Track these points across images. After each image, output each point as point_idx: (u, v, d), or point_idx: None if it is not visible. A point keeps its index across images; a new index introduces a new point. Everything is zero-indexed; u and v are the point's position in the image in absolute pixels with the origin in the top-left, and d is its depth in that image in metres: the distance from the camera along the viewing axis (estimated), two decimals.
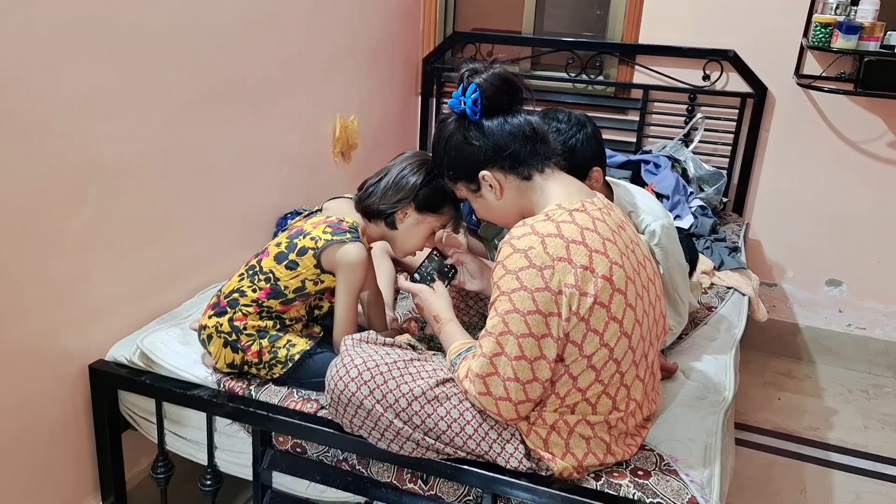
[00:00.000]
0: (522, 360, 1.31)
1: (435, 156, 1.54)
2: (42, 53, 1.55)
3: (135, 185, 1.85)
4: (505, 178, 1.43)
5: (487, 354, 1.33)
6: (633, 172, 2.87)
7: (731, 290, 2.49)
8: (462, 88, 1.41)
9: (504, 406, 1.34)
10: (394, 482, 1.56)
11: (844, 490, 2.38)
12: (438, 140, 1.50)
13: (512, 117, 1.42)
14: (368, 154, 3.07)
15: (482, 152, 1.41)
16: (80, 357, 1.78)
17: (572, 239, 1.31)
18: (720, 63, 3.05)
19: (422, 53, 3.51)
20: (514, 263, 1.30)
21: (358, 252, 1.63)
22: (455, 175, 1.48)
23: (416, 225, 1.69)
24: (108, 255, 1.81)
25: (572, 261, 1.30)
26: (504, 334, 1.31)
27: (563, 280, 1.29)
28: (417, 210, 1.67)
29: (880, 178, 2.97)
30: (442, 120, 1.50)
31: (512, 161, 1.41)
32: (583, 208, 1.37)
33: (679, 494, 1.40)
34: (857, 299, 3.17)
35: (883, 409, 2.91)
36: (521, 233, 1.34)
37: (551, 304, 1.29)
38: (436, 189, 1.65)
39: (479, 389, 1.34)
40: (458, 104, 1.42)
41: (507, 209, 1.46)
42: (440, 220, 1.70)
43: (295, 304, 1.70)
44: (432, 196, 1.66)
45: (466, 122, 1.43)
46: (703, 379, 1.84)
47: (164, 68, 1.89)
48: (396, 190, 1.66)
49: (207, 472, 1.75)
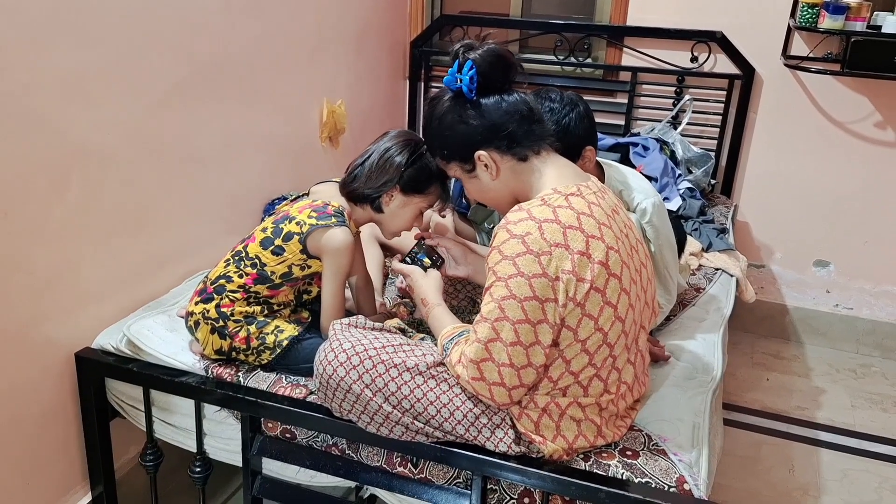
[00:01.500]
0: (518, 346, 1.30)
1: (427, 135, 1.51)
2: (23, 38, 1.53)
3: (119, 171, 1.83)
4: (501, 159, 1.40)
5: (482, 340, 1.32)
6: (622, 155, 2.86)
7: (719, 272, 2.50)
8: (458, 65, 1.38)
9: (497, 391, 1.34)
10: (384, 466, 1.56)
11: (832, 468, 2.40)
12: (431, 118, 1.46)
13: (508, 96, 1.40)
14: (356, 139, 3.05)
15: (478, 131, 1.39)
16: (66, 345, 1.77)
17: (569, 224, 1.30)
18: (708, 44, 3.04)
19: (409, 37, 3.49)
20: (510, 249, 1.29)
21: (343, 236, 1.62)
22: (449, 154, 1.46)
23: (402, 207, 1.67)
24: (94, 242, 1.80)
25: (569, 246, 1.29)
26: (500, 320, 1.30)
27: (560, 266, 1.28)
28: (403, 192, 1.65)
29: (867, 158, 2.98)
30: (434, 97, 1.47)
31: (508, 141, 1.39)
32: (578, 192, 1.36)
33: (667, 474, 1.41)
34: (844, 279, 3.19)
35: (870, 388, 2.94)
36: (517, 217, 1.32)
37: (548, 291, 1.28)
38: (421, 169, 1.64)
39: (473, 374, 1.34)
40: (454, 81, 1.39)
41: (501, 190, 1.44)
42: (427, 201, 1.68)
43: (283, 290, 1.69)
44: (417, 176, 1.64)
45: (462, 100, 1.40)
46: (692, 359, 1.85)
47: (148, 53, 1.87)
48: (380, 172, 1.64)
49: (197, 460, 1.74)
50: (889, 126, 2.91)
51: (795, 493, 2.27)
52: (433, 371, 1.44)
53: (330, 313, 1.65)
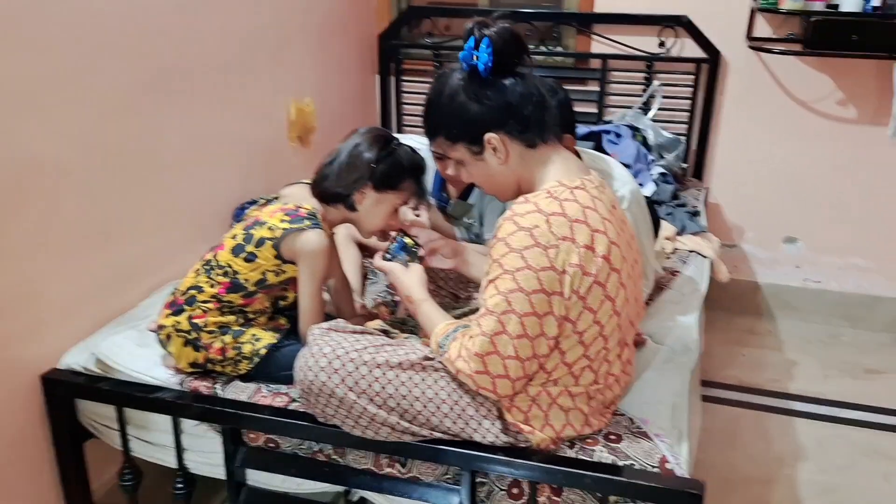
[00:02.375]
0: (524, 339, 1.30)
1: (433, 113, 1.43)
2: None
3: (78, 183, 1.76)
4: (511, 143, 1.37)
5: (488, 333, 1.31)
6: (595, 143, 2.89)
7: (693, 254, 2.53)
8: (474, 41, 1.32)
9: (501, 383, 1.34)
10: (372, 468, 1.55)
11: (807, 436, 2.47)
12: (439, 95, 1.40)
13: (523, 78, 1.35)
14: (327, 137, 2.97)
15: (493, 113, 1.34)
16: (32, 367, 1.70)
17: (575, 218, 1.30)
18: (674, 29, 3.06)
19: (377, 30, 3.43)
20: (518, 242, 1.28)
21: (318, 239, 1.59)
22: (457, 135, 1.39)
23: (376, 204, 1.64)
24: (56, 258, 1.73)
25: (576, 240, 1.29)
26: (507, 313, 1.29)
27: (567, 260, 1.28)
28: (375, 189, 1.62)
29: (831, 135, 3.03)
30: (443, 74, 1.41)
31: (522, 126, 1.35)
32: (582, 186, 1.35)
33: (650, 455, 1.44)
34: (813, 255, 3.26)
35: (840, 357, 3.02)
36: (524, 210, 1.31)
37: (555, 284, 1.28)
38: (392, 164, 1.61)
39: (477, 368, 1.33)
40: (470, 58, 1.33)
41: (507, 176, 1.41)
42: (401, 196, 1.65)
43: (257, 297, 1.65)
44: (389, 172, 1.61)
45: (476, 78, 1.34)
46: (670, 341, 1.87)
47: (102, 59, 1.80)
48: (351, 169, 1.60)
49: (178, 476, 1.70)
50: (851, 104, 2.98)
51: (773, 463, 2.34)
52: (416, 368, 1.43)
53: (308, 318, 1.62)
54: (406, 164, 1.62)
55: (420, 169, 1.65)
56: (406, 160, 1.62)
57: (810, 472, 2.30)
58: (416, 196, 1.68)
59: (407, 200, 1.68)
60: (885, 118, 2.92)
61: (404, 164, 1.61)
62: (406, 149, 1.65)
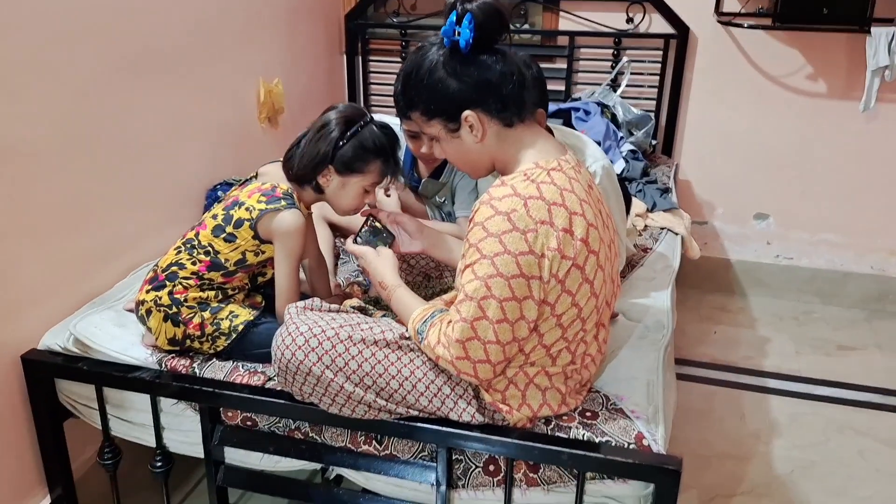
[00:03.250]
0: (504, 323, 1.30)
1: (409, 88, 1.40)
2: None
3: (51, 165, 1.77)
4: (489, 121, 1.35)
5: (468, 319, 1.30)
6: (564, 120, 2.88)
7: (665, 231, 2.55)
8: (456, 16, 1.29)
9: (482, 368, 1.33)
10: (348, 446, 1.56)
11: (781, 413, 2.50)
12: (416, 70, 1.36)
13: (504, 56, 1.33)
14: (295, 118, 2.99)
15: (473, 90, 1.32)
16: (11, 348, 1.71)
17: (553, 201, 1.29)
18: (642, 5, 3.06)
19: (343, 10, 3.42)
20: (495, 226, 1.27)
21: (293, 219, 1.60)
22: (433, 111, 1.37)
23: (342, 187, 1.64)
24: (31, 241, 1.74)
25: (554, 224, 1.28)
26: (486, 298, 1.28)
27: (546, 244, 1.27)
28: (338, 173, 1.61)
29: (800, 110, 3.06)
30: (421, 48, 1.38)
31: (500, 104, 1.33)
32: (559, 167, 1.34)
33: (626, 431, 1.44)
34: (783, 231, 3.29)
35: (813, 333, 3.05)
36: (501, 193, 1.29)
37: (534, 268, 1.28)
38: (356, 147, 1.59)
39: (458, 354, 1.32)
40: (452, 33, 1.30)
41: (482, 154, 1.39)
42: (367, 179, 1.64)
43: (237, 276, 1.67)
44: (351, 157, 1.60)
45: (457, 54, 1.32)
46: (643, 318, 1.89)
47: (70, 41, 1.79)
48: (313, 153, 1.60)
49: (157, 455, 1.72)
50: (820, 78, 2.99)
51: (748, 439, 2.35)
52: (392, 346, 1.43)
53: (285, 297, 1.63)
54: (371, 146, 1.59)
55: (386, 149, 1.63)
56: (371, 141, 1.60)
57: (785, 449, 2.31)
58: (384, 176, 1.66)
59: (377, 181, 1.67)
60: (855, 92, 2.93)
61: (368, 145, 1.59)
62: (372, 128, 1.62)
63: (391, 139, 1.64)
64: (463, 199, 2.16)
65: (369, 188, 1.66)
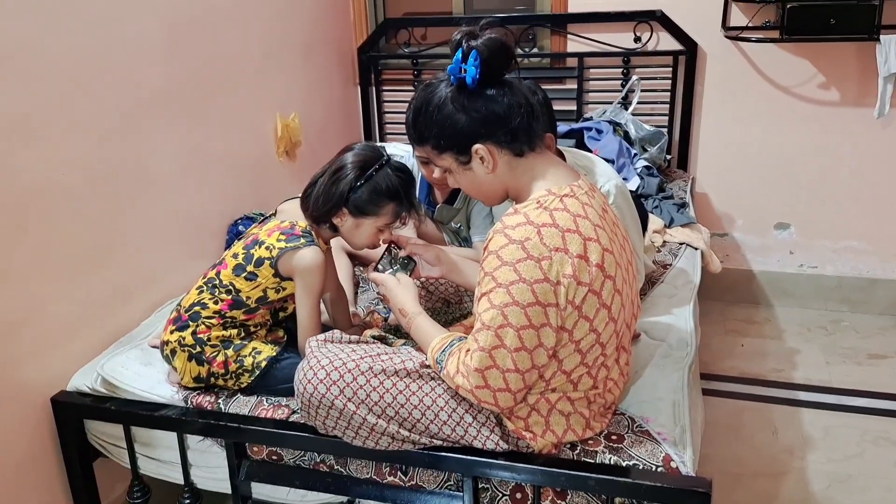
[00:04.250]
0: (522, 351, 1.29)
1: (420, 123, 1.41)
2: None
3: (77, 206, 1.81)
4: (499, 153, 1.36)
5: (486, 348, 1.30)
6: (577, 140, 2.89)
7: (684, 246, 2.53)
8: (462, 54, 1.31)
9: (502, 396, 1.33)
10: (374, 477, 1.56)
11: (814, 426, 2.45)
12: (426, 105, 1.38)
13: (510, 88, 1.35)
14: (313, 150, 3.04)
15: (481, 124, 1.34)
16: (41, 390, 1.74)
17: (567, 228, 1.29)
18: (649, 24, 3.08)
19: (355, 43, 3.48)
20: (510, 255, 1.27)
21: (313, 256, 1.62)
22: (445, 145, 1.38)
23: (356, 228, 1.65)
24: (58, 281, 1.78)
25: (568, 250, 1.28)
26: (503, 327, 1.28)
27: (561, 271, 1.27)
28: (352, 215, 1.63)
29: (815, 119, 3.04)
30: (430, 84, 1.40)
31: (509, 136, 1.34)
32: (572, 193, 1.34)
33: (653, 454, 1.43)
34: (805, 239, 3.25)
35: (842, 343, 3.00)
36: (514, 222, 1.30)
37: (550, 295, 1.28)
38: (370, 191, 1.60)
39: (477, 383, 1.32)
40: (458, 71, 1.32)
41: (494, 184, 1.40)
42: (381, 220, 1.65)
43: (259, 312, 1.69)
44: (365, 201, 1.61)
45: (464, 89, 1.34)
46: (666, 336, 1.87)
47: (92, 85, 1.85)
48: (327, 197, 1.61)
49: (185, 492, 1.73)
50: (833, 86, 2.98)
51: (781, 455, 2.31)
52: (413, 376, 1.44)
53: (307, 333, 1.64)
54: (384, 190, 1.60)
55: (399, 193, 1.62)
56: (385, 185, 1.60)
57: (819, 463, 2.26)
58: (398, 217, 1.66)
59: (391, 222, 1.66)
60: (868, 98, 2.92)
61: (381, 190, 1.60)
62: (387, 172, 1.62)
63: (405, 182, 1.64)
64: (478, 224, 2.17)
65: (383, 228, 1.67)
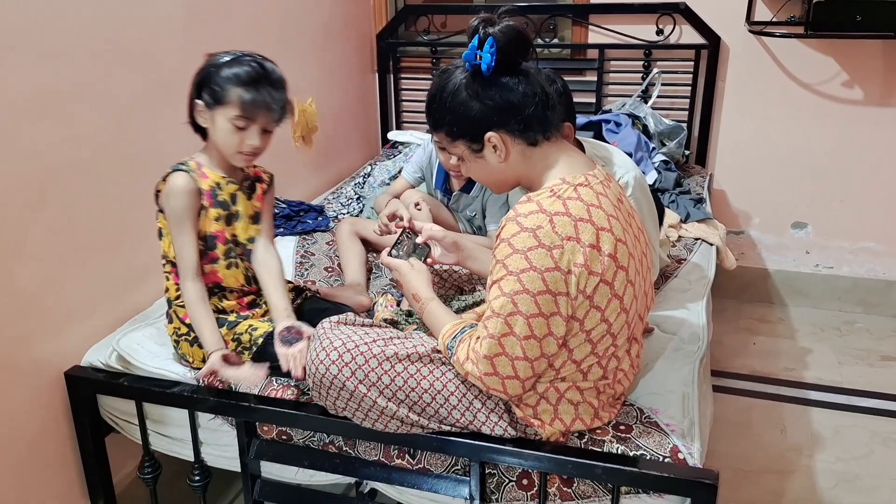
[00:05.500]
0: (532, 339, 1.29)
1: (434, 109, 1.41)
2: None
3: (94, 184, 1.83)
4: (512, 142, 1.35)
5: (495, 335, 1.30)
6: (595, 132, 2.87)
7: (699, 241, 2.52)
8: (478, 40, 1.31)
9: (511, 384, 1.33)
10: (382, 460, 1.57)
11: (823, 426, 2.44)
12: (440, 92, 1.38)
13: (526, 77, 1.34)
14: (329, 136, 3.04)
15: (494, 112, 1.33)
16: (55, 364, 1.76)
17: (579, 217, 1.28)
18: (672, 16, 3.05)
19: (374, 30, 3.47)
20: (521, 242, 1.27)
21: (172, 179, 1.59)
22: (458, 132, 1.38)
23: (213, 125, 1.59)
24: (75, 259, 1.79)
25: (580, 240, 1.27)
26: (513, 315, 1.29)
27: (572, 260, 1.27)
28: (208, 107, 1.57)
29: (836, 118, 3.01)
30: (445, 71, 1.39)
31: (523, 125, 1.33)
32: (586, 182, 1.33)
33: (661, 445, 1.43)
34: (822, 239, 3.23)
35: (855, 344, 2.98)
36: (527, 210, 1.29)
37: (561, 284, 1.27)
38: (212, 74, 1.55)
39: (486, 370, 1.33)
40: (474, 57, 1.31)
41: (506, 173, 1.40)
42: (230, 111, 1.55)
43: (195, 268, 1.63)
44: (208, 85, 1.55)
45: (479, 77, 1.33)
46: (678, 330, 1.87)
47: (111, 65, 1.86)
48: (190, 96, 1.59)
49: (195, 469, 1.74)
50: (856, 84, 2.94)
51: (789, 453, 2.31)
52: (425, 360, 1.44)
53: (180, 267, 1.62)
54: (227, 72, 1.54)
55: (243, 76, 1.54)
56: (229, 67, 1.54)
57: (827, 462, 2.26)
58: (247, 110, 1.56)
59: (242, 114, 1.56)
60: (893, 99, 2.89)
61: (224, 72, 1.54)
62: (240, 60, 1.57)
63: (255, 71, 1.56)
64: (494, 213, 2.17)
65: (241, 125, 1.57)
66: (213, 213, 1.64)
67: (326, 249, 2.42)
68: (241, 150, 1.61)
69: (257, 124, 1.58)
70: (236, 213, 1.69)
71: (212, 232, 1.65)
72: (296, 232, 2.53)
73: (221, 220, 1.66)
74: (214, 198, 1.64)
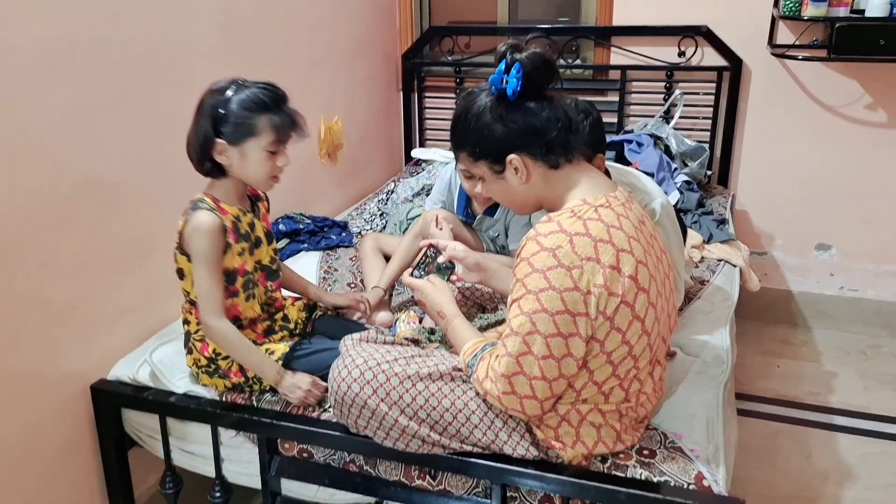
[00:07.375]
0: (550, 359, 1.29)
1: (458, 129, 1.43)
2: (25, 75, 1.56)
3: (127, 199, 1.86)
4: (533, 164, 1.36)
5: (514, 354, 1.30)
6: (617, 153, 2.88)
7: (722, 262, 2.50)
8: (505, 65, 1.33)
9: (529, 404, 1.33)
10: (402, 480, 1.57)
11: (850, 452, 2.40)
12: (465, 113, 1.39)
13: (550, 102, 1.36)
14: (354, 153, 3.08)
15: (517, 135, 1.34)
16: (82, 378, 1.78)
17: (600, 238, 1.28)
18: (694, 39, 3.06)
19: (400, 50, 3.51)
20: (541, 262, 1.27)
21: (196, 218, 1.55)
22: (480, 153, 1.39)
23: (243, 159, 1.55)
24: (105, 272, 1.82)
25: (600, 260, 1.27)
26: (531, 334, 1.28)
27: (591, 280, 1.27)
28: (232, 144, 1.53)
29: (860, 140, 2.99)
30: (471, 93, 1.41)
31: (545, 148, 1.35)
32: (607, 204, 1.34)
33: (685, 471, 1.41)
34: (847, 261, 3.19)
35: (881, 368, 2.93)
36: (547, 230, 1.30)
37: (580, 304, 1.27)
38: (237, 109, 1.51)
39: (504, 389, 1.32)
40: (500, 82, 1.33)
41: (527, 195, 1.41)
42: (264, 140, 1.54)
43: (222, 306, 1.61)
44: (235, 122, 1.51)
45: (504, 100, 1.35)
46: (702, 353, 1.85)
47: (147, 82, 1.90)
48: (197, 136, 1.54)
49: (216, 485, 1.75)
50: (880, 107, 2.92)
51: (815, 480, 2.26)
52: (446, 378, 1.44)
53: (203, 304, 1.58)
54: (252, 102, 1.51)
55: (268, 101, 1.53)
56: (250, 97, 1.51)
57: (855, 490, 2.22)
58: (279, 132, 1.55)
59: (276, 139, 1.55)
60: None
61: (249, 103, 1.51)
62: (247, 87, 1.54)
63: (271, 92, 1.55)
64: (517, 232, 2.17)
65: (274, 150, 1.57)
66: (237, 247, 1.62)
67: (349, 265, 2.44)
68: (274, 174, 1.61)
69: (286, 144, 1.60)
70: (257, 239, 1.69)
71: (234, 267, 1.64)
72: (319, 247, 2.55)
73: (245, 253, 1.65)
74: (237, 231, 1.63)
